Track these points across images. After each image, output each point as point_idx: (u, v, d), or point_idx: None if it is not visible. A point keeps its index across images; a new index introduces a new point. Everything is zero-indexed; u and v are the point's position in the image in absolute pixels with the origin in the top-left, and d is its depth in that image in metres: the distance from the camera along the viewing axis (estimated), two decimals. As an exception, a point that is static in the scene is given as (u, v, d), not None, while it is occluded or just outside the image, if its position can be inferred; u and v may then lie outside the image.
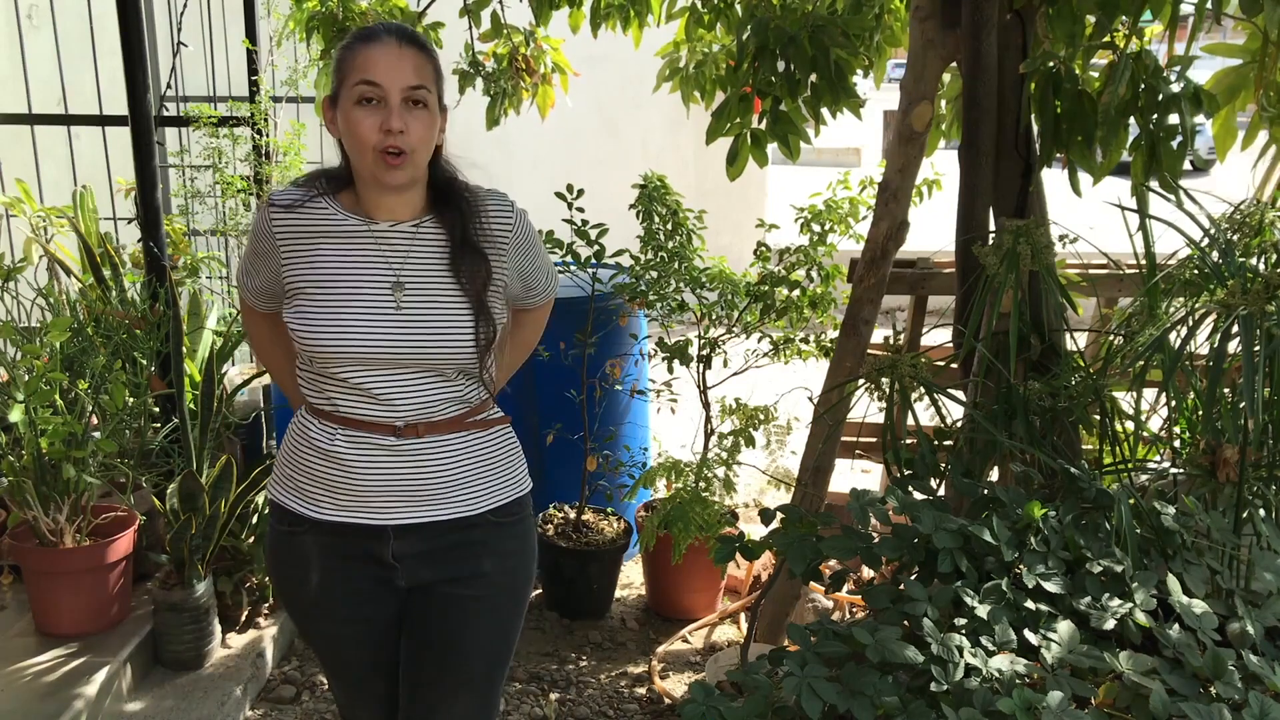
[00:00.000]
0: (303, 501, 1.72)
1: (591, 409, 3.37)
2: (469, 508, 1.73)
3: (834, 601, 3.19)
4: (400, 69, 1.59)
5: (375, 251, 1.66)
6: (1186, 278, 2.05)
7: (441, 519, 1.70)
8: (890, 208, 2.59)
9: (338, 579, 1.73)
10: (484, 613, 1.77)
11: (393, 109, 1.58)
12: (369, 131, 1.59)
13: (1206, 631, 1.54)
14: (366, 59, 1.60)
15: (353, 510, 1.68)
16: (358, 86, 1.59)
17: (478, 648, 1.77)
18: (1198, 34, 2.16)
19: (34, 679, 2.59)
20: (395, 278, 1.65)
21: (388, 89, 1.59)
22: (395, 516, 1.69)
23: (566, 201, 3.14)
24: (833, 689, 1.45)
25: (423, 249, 1.68)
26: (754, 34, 2.49)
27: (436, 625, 1.75)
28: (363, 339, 1.62)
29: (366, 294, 1.64)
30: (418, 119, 1.61)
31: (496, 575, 1.77)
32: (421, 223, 1.69)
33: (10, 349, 2.80)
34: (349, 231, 1.67)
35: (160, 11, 4.05)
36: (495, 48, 3.28)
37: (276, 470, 1.79)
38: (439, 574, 1.74)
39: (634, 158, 6.60)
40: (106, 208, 3.79)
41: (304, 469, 1.71)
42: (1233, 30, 2.52)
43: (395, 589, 1.75)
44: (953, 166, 2.55)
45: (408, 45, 1.61)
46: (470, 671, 1.77)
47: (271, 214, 1.68)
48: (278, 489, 1.76)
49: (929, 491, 1.96)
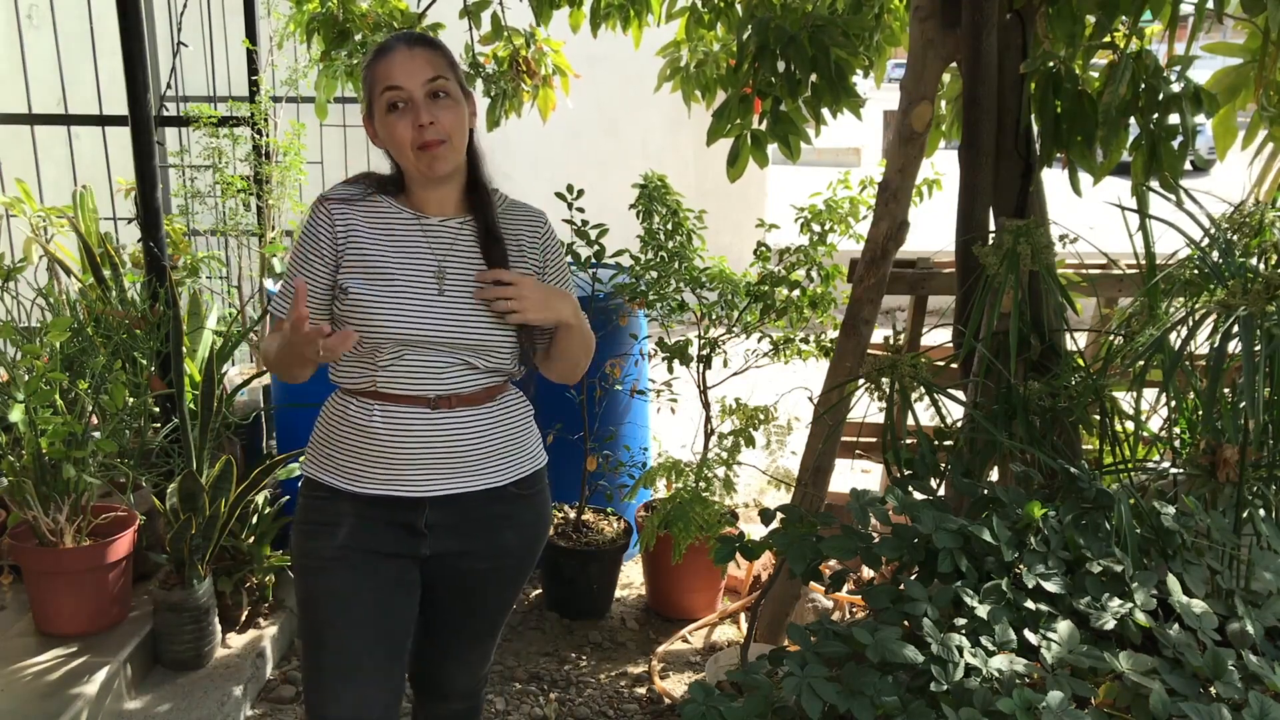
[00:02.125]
0: (339, 477, 1.81)
1: (591, 409, 3.37)
2: (499, 477, 1.86)
3: (834, 601, 3.19)
4: (415, 67, 1.74)
5: (424, 243, 1.80)
6: (1186, 278, 2.05)
7: (475, 489, 1.83)
8: (890, 208, 2.59)
9: (366, 534, 1.81)
10: (503, 581, 1.95)
11: (419, 106, 1.73)
12: (405, 131, 1.74)
13: (1206, 631, 1.54)
14: (385, 69, 1.75)
15: (391, 484, 1.79)
16: (384, 95, 1.75)
17: (494, 607, 1.98)
18: (1198, 34, 2.16)
19: (34, 679, 2.59)
20: (439, 267, 1.79)
21: (410, 88, 1.73)
22: (432, 488, 1.80)
23: (566, 201, 3.14)
24: (833, 689, 1.45)
25: (465, 243, 1.82)
26: (754, 34, 2.49)
27: (457, 593, 1.91)
28: (408, 321, 1.75)
29: (414, 280, 1.77)
30: (444, 108, 1.75)
31: (515, 547, 1.92)
32: (465, 220, 1.84)
33: (10, 349, 2.80)
34: (402, 224, 1.82)
35: (160, 11, 4.06)
36: (496, 50, 3.28)
37: (311, 450, 1.88)
38: (463, 545, 1.86)
39: (634, 158, 6.60)
40: (106, 208, 3.79)
41: (341, 446, 1.82)
42: (1233, 30, 2.52)
43: (418, 556, 1.85)
44: (953, 166, 2.55)
45: (417, 46, 1.77)
46: (485, 625, 1.99)
47: (331, 208, 1.80)
48: (313, 467, 1.86)
49: (929, 491, 1.96)
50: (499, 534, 1.89)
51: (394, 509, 1.80)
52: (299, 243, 1.83)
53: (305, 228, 1.83)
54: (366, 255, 1.78)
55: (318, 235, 1.80)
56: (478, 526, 1.86)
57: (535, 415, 1.96)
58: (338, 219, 1.80)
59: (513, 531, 1.91)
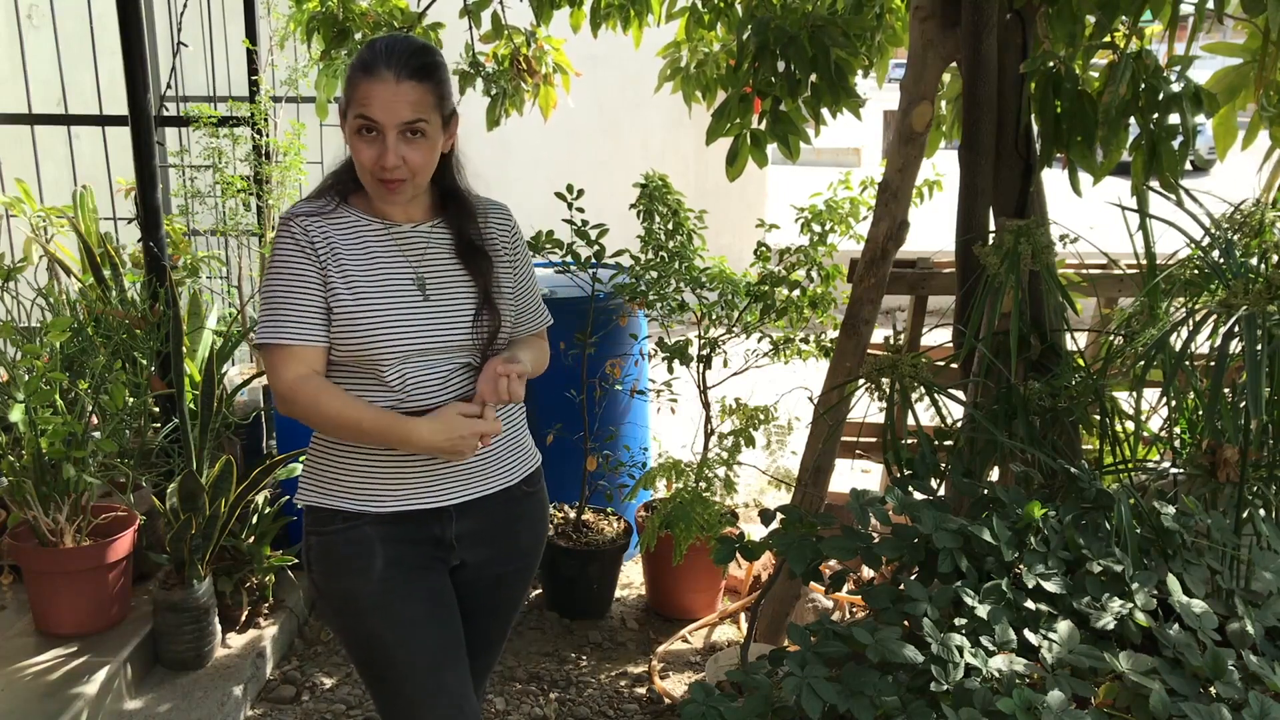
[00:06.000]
0: (358, 501, 1.77)
1: (591, 409, 3.37)
2: (511, 476, 1.88)
3: (834, 601, 3.19)
4: (395, 107, 1.65)
5: (398, 251, 1.77)
6: (1187, 278, 2.05)
7: (494, 490, 1.84)
8: (890, 208, 2.59)
9: (400, 556, 1.78)
10: (521, 580, 1.98)
11: (388, 145, 1.66)
12: (367, 160, 1.69)
13: (1206, 631, 1.54)
14: (365, 93, 1.66)
15: (414, 498, 1.77)
16: (357, 119, 1.67)
17: (512, 607, 2.01)
18: (1198, 34, 2.16)
19: (34, 679, 2.59)
20: (416, 274, 1.76)
21: (385, 125, 1.66)
22: (455, 496, 1.80)
23: (566, 202, 3.14)
24: (833, 689, 1.45)
25: (437, 247, 1.80)
26: (754, 34, 2.49)
27: (484, 597, 1.92)
28: (403, 333, 1.72)
29: (398, 292, 1.74)
30: (415, 148, 1.69)
31: (528, 545, 1.96)
32: (436, 223, 1.81)
33: (10, 349, 2.80)
34: (374, 234, 1.77)
35: (160, 11, 4.06)
36: (496, 49, 3.28)
37: (315, 479, 1.80)
38: (489, 550, 1.87)
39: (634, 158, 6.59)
40: (106, 208, 3.78)
41: (358, 469, 1.77)
42: (1233, 30, 2.51)
43: (449, 565, 1.85)
44: (953, 166, 2.55)
45: (405, 80, 1.65)
46: (503, 625, 2.01)
47: (306, 224, 1.73)
48: (324, 496, 1.78)
49: (929, 491, 1.95)
50: (516, 534, 1.91)
51: (421, 523, 1.79)
52: (281, 266, 1.72)
53: (283, 250, 1.72)
54: (349, 274, 1.72)
55: (301, 254, 1.71)
56: (499, 529, 1.88)
57: (534, 415, 1.98)
58: (315, 235, 1.72)
59: (525, 530, 1.93)
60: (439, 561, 1.83)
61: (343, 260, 1.72)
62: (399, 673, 1.77)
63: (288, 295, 1.70)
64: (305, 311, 1.71)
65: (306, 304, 1.71)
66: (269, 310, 1.71)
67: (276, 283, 1.71)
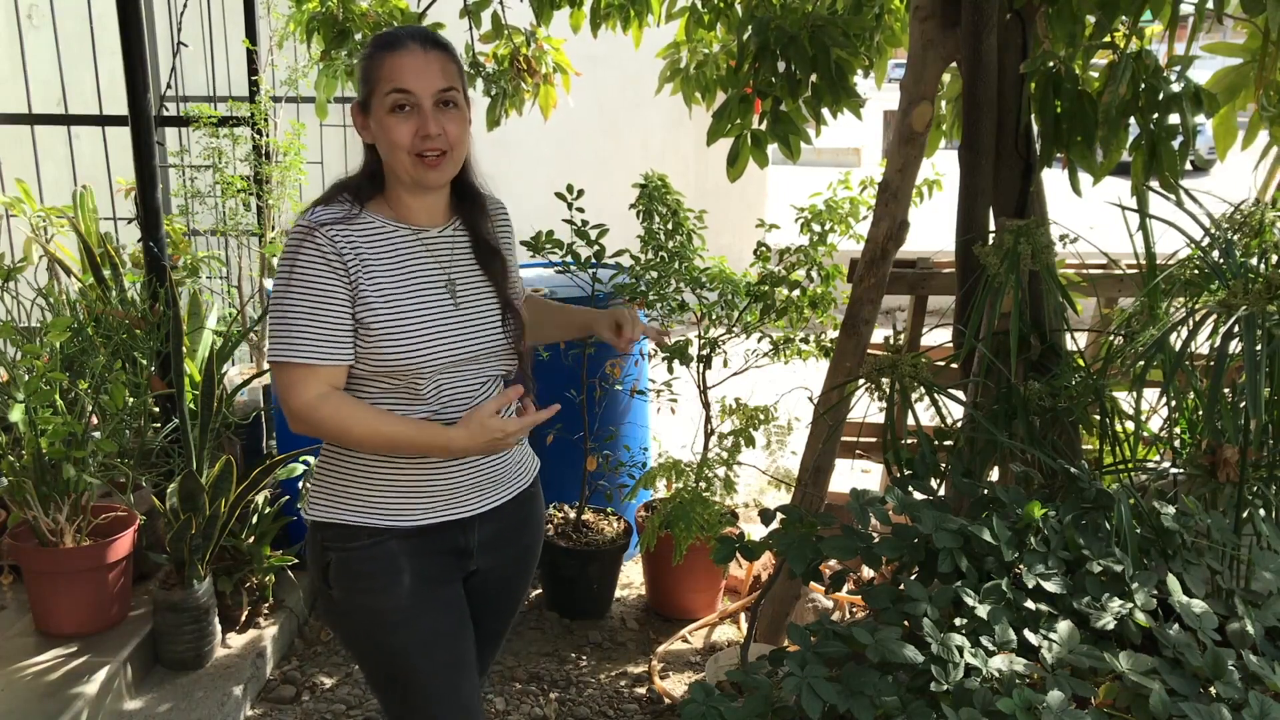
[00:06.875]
0: (382, 516, 1.72)
1: (591, 409, 3.37)
2: (523, 480, 1.89)
3: (834, 601, 3.19)
4: (429, 74, 1.64)
5: (427, 256, 1.73)
6: (1187, 278, 2.05)
7: (511, 496, 1.85)
8: (890, 208, 2.58)
9: (426, 571, 1.76)
10: (525, 581, 1.99)
11: (426, 114, 1.64)
12: (405, 137, 1.64)
13: (1206, 631, 1.54)
14: (395, 67, 1.64)
15: (440, 510, 1.75)
16: (390, 95, 1.64)
17: (515, 607, 2.01)
18: (1198, 34, 2.16)
19: (34, 679, 2.59)
20: (447, 279, 1.73)
21: (420, 95, 1.64)
22: (478, 505, 1.79)
23: (566, 202, 3.14)
24: (833, 689, 1.45)
25: (461, 250, 1.78)
26: (754, 34, 2.49)
27: (493, 600, 1.93)
28: (439, 345, 1.69)
29: (432, 302, 1.71)
30: (451, 119, 1.67)
31: (532, 545, 1.97)
32: (456, 225, 1.79)
33: (10, 349, 2.80)
34: (404, 243, 1.72)
35: (160, 11, 4.06)
36: (496, 49, 3.28)
37: (330, 494, 1.74)
38: (502, 554, 1.88)
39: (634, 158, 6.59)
40: (106, 208, 3.78)
41: (377, 485, 1.72)
42: (1233, 30, 2.51)
43: (465, 573, 1.85)
44: (953, 166, 2.55)
45: (432, 49, 1.67)
46: (506, 625, 2.02)
47: (332, 233, 1.63)
48: (343, 512, 1.73)
49: (929, 491, 1.95)
50: (523, 537, 1.93)
51: (445, 534, 1.77)
52: (303, 279, 1.62)
53: (306, 261, 1.62)
54: (381, 286, 1.65)
55: (327, 266, 1.62)
56: (511, 534, 1.88)
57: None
58: (342, 246, 1.63)
59: (530, 531, 1.95)
60: (458, 571, 1.83)
61: (374, 271, 1.65)
62: (419, 683, 1.76)
63: (312, 311, 1.61)
64: (331, 329, 1.62)
65: (333, 321, 1.62)
66: (289, 325, 1.61)
67: (298, 297, 1.62)
